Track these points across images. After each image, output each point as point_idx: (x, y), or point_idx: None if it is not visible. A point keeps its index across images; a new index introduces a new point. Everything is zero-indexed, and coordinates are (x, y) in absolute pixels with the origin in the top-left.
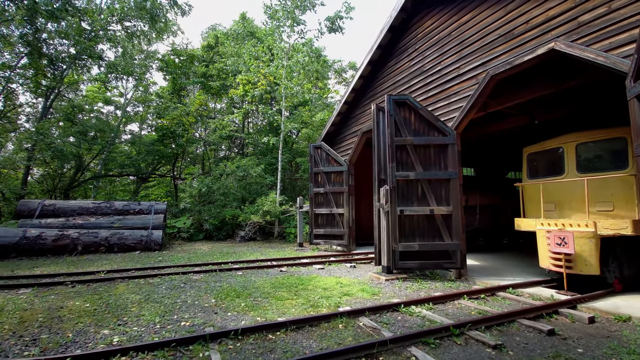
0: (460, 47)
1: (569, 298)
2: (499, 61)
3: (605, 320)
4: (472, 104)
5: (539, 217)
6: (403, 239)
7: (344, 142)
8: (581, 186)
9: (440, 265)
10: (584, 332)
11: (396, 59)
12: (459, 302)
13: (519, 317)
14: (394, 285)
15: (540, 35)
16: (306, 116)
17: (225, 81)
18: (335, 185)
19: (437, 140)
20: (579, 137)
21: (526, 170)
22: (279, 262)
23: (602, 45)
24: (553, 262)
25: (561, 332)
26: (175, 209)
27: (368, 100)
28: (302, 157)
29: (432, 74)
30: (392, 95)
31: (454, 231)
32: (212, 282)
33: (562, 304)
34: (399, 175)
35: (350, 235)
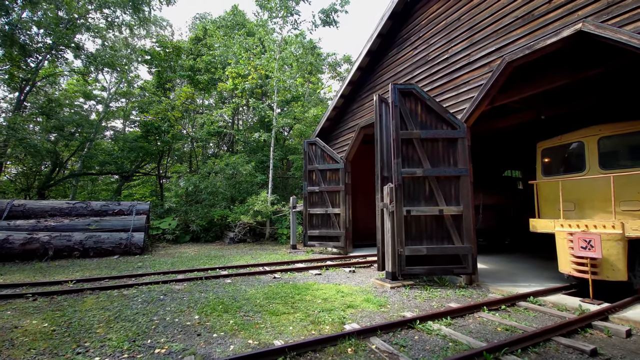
0: (471, 33)
1: (599, 309)
2: (516, 46)
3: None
4: (485, 93)
5: (556, 217)
6: (409, 242)
7: (340, 138)
8: (604, 184)
9: (450, 271)
10: (626, 349)
11: (397, 48)
12: (479, 315)
13: (554, 335)
14: (400, 293)
15: (565, 16)
16: (298, 112)
17: (213, 75)
18: (331, 183)
19: (446, 133)
20: (601, 130)
21: (540, 167)
22: (272, 268)
23: (636, 26)
24: (576, 267)
25: (603, 352)
26: (160, 209)
27: (366, 93)
28: (294, 155)
29: (438, 63)
30: (397, 84)
31: (464, 233)
32: (197, 293)
33: (594, 316)
34: (404, 172)
35: (347, 237)
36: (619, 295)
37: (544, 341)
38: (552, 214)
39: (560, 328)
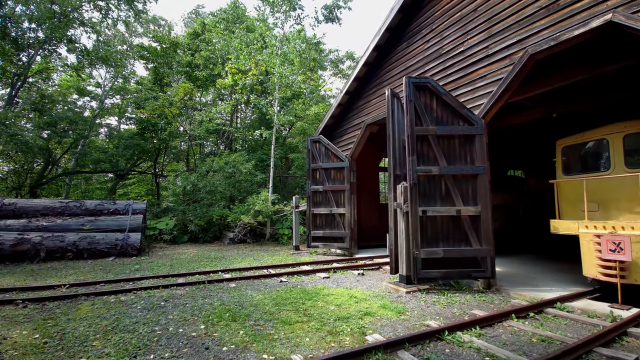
0: (490, 24)
1: (632, 315)
2: (540, 37)
3: None
4: (505, 88)
5: (578, 218)
6: (425, 244)
7: (344, 135)
8: (631, 183)
9: (467, 275)
10: None
11: (407, 42)
12: (508, 324)
13: (594, 346)
14: (417, 298)
15: (593, 6)
16: (299, 109)
17: (212, 71)
18: (336, 182)
19: (463, 130)
20: (626, 127)
21: (561, 166)
22: (277, 271)
23: None
24: (603, 271)
25: None
26: (157, 208)
27: (373, 89)
28: (295, 153)
29: (452, 56)
30: (411, 77)
31: (482, 235)
32: (200, 299)
33: (628, 323)
34: (419, 170)
35: (352, 238)
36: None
37: (585, 353)
38: (574, 214)
39: (599, 338)
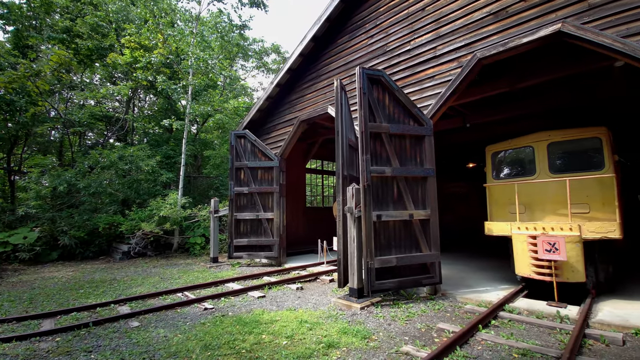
0: (438, 25)
1: (581, 316)
2: (488, 42)
3: (629, 338)
4: (453, 90)
5: (507, 219)
6: (379, 252)
7: (273, 132)
8: (554, 187)
9: (419, 282)
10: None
11: (349, 35)
12: (480, 337)
13: (577, 356)
14: (375, 315)
15: (542, 15)
16: (217, 101)
17: (101, 43)
18: (263, 184)
19: (413, 130)
20: (550, 136)
21: (491, 171)
22: (196, 293)
23: (619, 30)
24: (537, 270)
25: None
26: (10, 216)
27: (309, 83)
28: (210, 150)
29: (399, 54)
30: (365, 68)
31: (432, 239)
32: (83, 356)
33: (583, 325)
34: (374, 171)
35: (281, 245)
36: (569, 295)
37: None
38: (503, 216)
39: (575, 348)
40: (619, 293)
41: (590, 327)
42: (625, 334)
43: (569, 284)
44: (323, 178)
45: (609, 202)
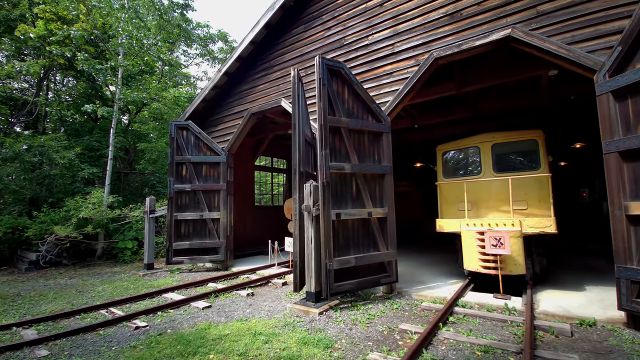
0: (396, 22)
1: (527, 308)
2: (444, 43)
3: (575, 328)
4: (411, 87)
5: (456, 216)
6: (337, 252)
7: (220, 124)
8: (497, 185)
9: (377, 282)
10: (585, 349)
11: (305, 25)
12: (443, 336)
13: (538, 350)
14: (334, 320)
15: (494, 20)
16: (153, 88)
17: (10, 13)
18: (208, 180)
19: (372, 126)
20: (494, 138)
21: (441, 169)
22: (125, 308)
23: (564, 37)
24: (484, 264)
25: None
26: None
27: (261, 74)
28: (145, 143)
29: (356, 48)
30: (325, 59)
31: (389, 238)
32: None
33: (532, 317)
34: (333, 167)
35: (228, 247)
36: (508, 287)
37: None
38: (453, 213)
39: (532, 342)
40: (552, 283)
41: (536, 319)
42: (571, 324)
43: (511, 277)
44: (272, 176)
45: (544, 200)
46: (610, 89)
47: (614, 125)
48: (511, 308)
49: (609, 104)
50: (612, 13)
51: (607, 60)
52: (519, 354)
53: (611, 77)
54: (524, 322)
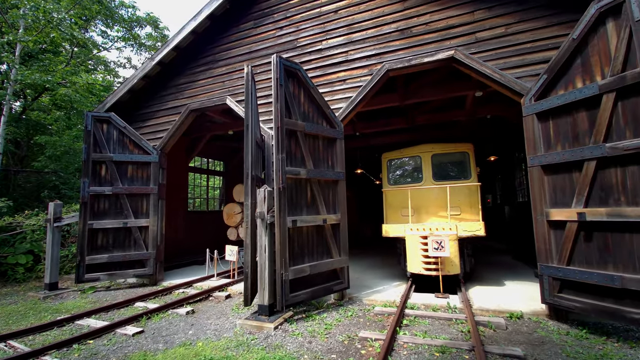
0: (350, 30)
1: (467, 305)
2: (396, 56)
3: (508, 322)
4: (364, 96)
5: (400, 222)
6: (292, 261)
7: (151, 120)
8: (436, 192)
9: (330, 289)
10: (521, 341)
11: (255, 22)
12: (403, 341)
13: (486, 346)
14: (292, 334)
15: (440, 40)
16: (60, 71)
17: None
18: (135, 182)
19: (327, 131)
20: (433, 149)
21: (386, 176)
22: (28, 342)
23: (497, 63)
24: (426, 267)
25: (527, 353)
26: None
27: (203, 67)
28: (47, 136)
29: (310, 52)
30: (283, 58)
31: (341, 244)
32: None
33: (472, 314)
34: (289, 172)
35: (158, 259)
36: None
37: (470, 350)
38: (396, 219)
39: (479, 339)
40: (477, 280)
41: (475, 315)
42: (504, 318)
43: (448, 276)
44: (208, 178)
45: (474, 206)
46: (535, 111)
47: (537, 143)
48: (453, 306)
49: (534, 124)
50: (537, 45)
51: (533, 86)
52: (471, 351)
53: (536, 101)
54: (466, 319)
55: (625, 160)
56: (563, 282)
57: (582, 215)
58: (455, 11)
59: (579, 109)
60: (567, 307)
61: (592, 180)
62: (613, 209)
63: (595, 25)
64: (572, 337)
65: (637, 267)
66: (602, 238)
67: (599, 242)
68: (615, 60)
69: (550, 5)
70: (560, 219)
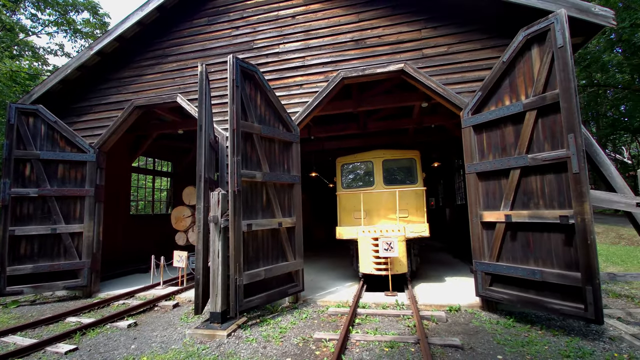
0: (308, 37)
1: (412, 301)
2: (351, 65)
3: (447, 314)
4: (320, 101)
5: (353, 224)
6: (247, 266)
7: (88, 114)
8: (386, 196)
9: (285, 293)
10: (459, 332)
11: (210, 19)
12: (354, 339)
13: (429, 338)
14: (246, 341)
15: (391, 53)
16: None
17: None
18: (67, 184)
19: (283, 135)
20: (384, 154)
21: (341, 180)
22: None
23: (441, 78)
24: (377, 267)
25: (463, 341)
26: None
27: (151, 61)
28: None
29: (267, 54)
30: (239, 58)
31: (297, 247)
32: None
33: (417, 310)
34: (244, 175)
35: (94, 269)
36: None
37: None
38: (349, 221)
39: (424, 333)
40: (422, 277)
41: (420, 310)
42: (444, 311)
43: (396, 275)
44: (154, 180)
45: (420, 209)
46: (472, 124)
47: (473, 152)
48: (400, 303)
49: (470, 136)
50: (475, 64)
51: (470, 101)
52: (416, 343)
53: (473, 115)
54: (412, 315)
55: (544, 170)
56: (493, 276)
57: (509, 217)
58: (405, 27)
59: (507, 123)
60: (497, 299)
61: (517, 186)
62: (534, 211)
63: (522, 50)
64: (501, 325)
65: (554, 262)
66: (525, 237)
67: (522, 241)
68: (538, 82)
69: (485, 30)
70: (491, 220)
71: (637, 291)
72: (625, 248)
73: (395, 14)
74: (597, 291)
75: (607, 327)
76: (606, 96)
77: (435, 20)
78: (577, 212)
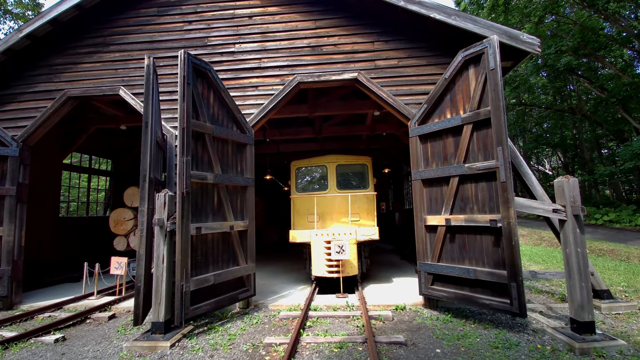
0: (264, 39)
1: (362, 302)
2: (307, 70)
3: (394, 313)
4: (276, 104)
5: (306, 227)
6: (195, 271)
7: (11, 104)
8: (340, 200)
9: (235, 298)
10: (403, 329)
11: (159, 10)
12: (305, 342)
13: (376, 337)
14: (192, 350)
15: (346, 62)
16: None
17: None
18: None
19: (237, 136)
20: (338, 159)
21: (295, 184)
22: None
23: (392, 89)
24: (329, 269)
25: (408, 339)
26: None
27: (90, 48)
28: None
29: (222, 53)
30: (192, 55)
31: (249, 251)
32: None
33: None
34: (194, 176)
35: (15, 277)
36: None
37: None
38: (303, 225)
39: (371, 332)
40: (372, 278)
41: (369, 310)
42: (391, 310)
43: (347, 277)
44: (90, 178)
45: (371, 213)
46: (418, 134)
47: (419, 160)
48: (351, 305)
49: (417, 145)
50: (421, 79)
51: (417, 113)
52: (364, 343)
53: (419, 125)
54: (362, 315)
55: (478, 178)
56: (435, 276)
57: (448, 221)
58: (359, 38)
59: (448, 135)
60: (437, 296)
61: (456, 192)
62: (469, 215)
63: (461, 69)
64: (440, 321)
65: (485, 261)
66: (462, 239)
67: (459, 242)
68: (473, 99)
69: (431, 48)
70: (433, 224)
71: (556, 288)
72: (546, 249)
73: (351, 24)
74: (521, 287)
75: (530, 321)
76: (532, 114)
77: (387, 34)
78: (504, 216)
